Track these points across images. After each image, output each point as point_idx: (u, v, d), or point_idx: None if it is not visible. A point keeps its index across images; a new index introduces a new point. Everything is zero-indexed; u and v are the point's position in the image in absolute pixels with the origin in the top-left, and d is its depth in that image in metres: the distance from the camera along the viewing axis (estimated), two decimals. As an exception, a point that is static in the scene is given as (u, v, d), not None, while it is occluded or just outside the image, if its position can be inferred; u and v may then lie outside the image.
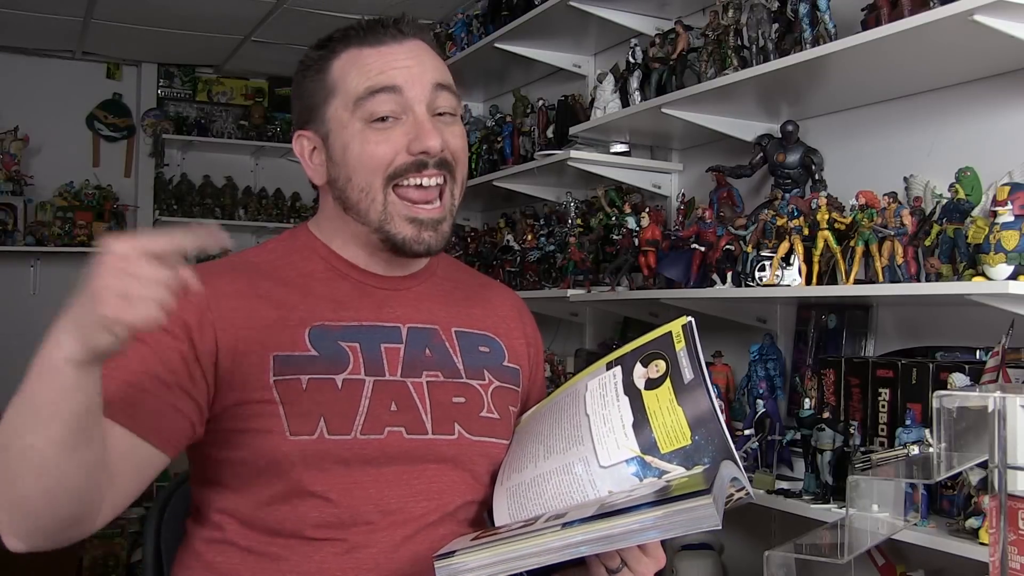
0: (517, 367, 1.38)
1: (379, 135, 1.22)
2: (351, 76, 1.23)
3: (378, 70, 1.23)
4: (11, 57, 4.98)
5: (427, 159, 1.23)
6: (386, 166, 1.22)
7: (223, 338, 1.17)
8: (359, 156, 1.23)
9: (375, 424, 1.19)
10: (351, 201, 1.25)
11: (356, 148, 1.23)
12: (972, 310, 1.78)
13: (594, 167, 2.88)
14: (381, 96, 1.22)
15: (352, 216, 1.26)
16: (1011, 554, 1.25)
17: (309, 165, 1.29)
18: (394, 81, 1.22)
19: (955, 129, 2.05)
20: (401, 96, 1.22)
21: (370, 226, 1.25)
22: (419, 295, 1.32)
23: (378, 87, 1.22)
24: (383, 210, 1.23)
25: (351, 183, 1.24)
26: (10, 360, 5.42)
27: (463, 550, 1.01)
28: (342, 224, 1.29)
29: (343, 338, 1.22)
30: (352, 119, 1.23)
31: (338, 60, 1.25)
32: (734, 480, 1.04)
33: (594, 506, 1.02)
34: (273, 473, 1.17)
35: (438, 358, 1.28)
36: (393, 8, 3.94)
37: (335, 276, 1.28)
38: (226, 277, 1.23)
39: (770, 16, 2.18)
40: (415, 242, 1.24)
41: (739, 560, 2.63)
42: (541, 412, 1.28)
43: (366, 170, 1.23)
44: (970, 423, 1.31)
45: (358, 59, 1.24)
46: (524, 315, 1.45)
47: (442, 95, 1.26)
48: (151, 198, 5.25)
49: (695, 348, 1.12)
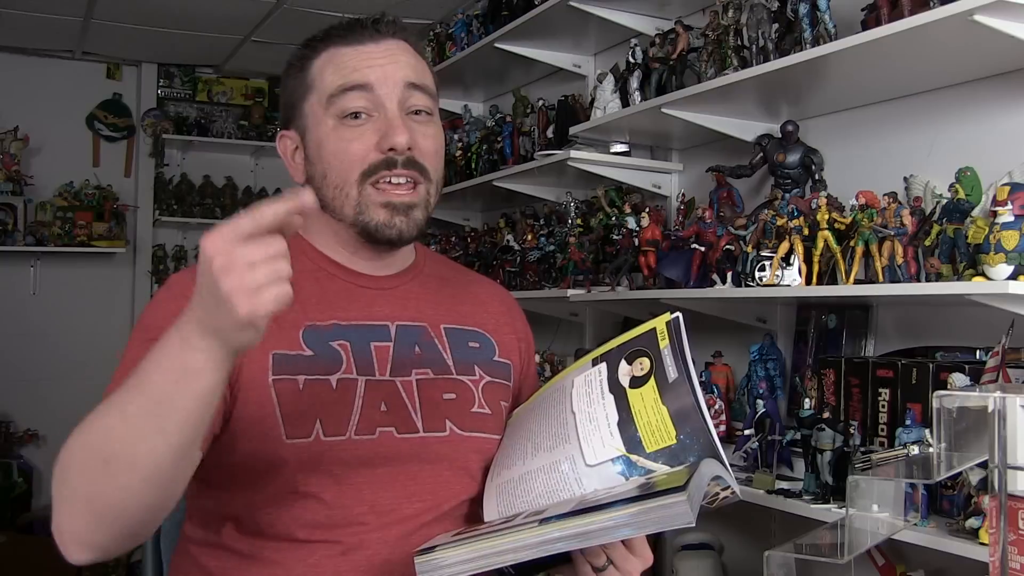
0: (508, 362, 1.38)
1: (351, 132, 1.23)
2: (327, 74, 1.25)
3: (352, 68, 1.24)
4: (11, 57, 4.98)
5: (395, 156, 1.23)
6: (359, 163, 1.23)
7: None
8: (333, 152, 1.24)
9: (367, 425, 1.19)
10: (327, 197, 1.26)
11: (330, 145, 1.24)
12: (972, 310, 1.78)
13: (594, 167, 2.88)
14: (353, 93, 1.23)
15: (329, 213, 1.27)
16: (1011, 554, 1.25)
17: (291, 164, 1.32)
18: (366, 79, 1.23)
19: (955, 129, 2.05)
20: (372, 94, 1.24)
21: (346, 220, 1.26)
22: (407, 293, 1.32)
23: (350, 84, 1.23)
24: (358, 202, 1.24)
25: (326, 180, 1.25)
26: (10, 360, 5.43)
27: (443, 545, 1.01)
28: (324, 221, 1.29)
29: (333, 338, 1.22)
30: (325, 116, 1.25)
31: (318, 59, 1.27)
32: (718, 479, 1.04)
33: (573, 503, 1.02)
34: (268, 476, 1.17)
35: (427, 355, 1.28)
36: (393, 8, 3.94)
37: (323, 276, 1.29)
38: None
39: (770, 16, 2.18)
40: (387, 226, 1.24)
41: (739, 560, 2.63)
42: (530, 408, 1.28)
43: (341, 166, 1.24)
44: (970, 423, 1.31)
45: (335, 57, 1.26)
46: (513, 310, 1.46)
47: (415, 94, 1.26)
48: (151, 198, 5.25)
49: (680, 345, 1.11)
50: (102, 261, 5.08)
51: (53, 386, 4.91)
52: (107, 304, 5.15)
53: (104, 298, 5.14)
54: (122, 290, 5.21)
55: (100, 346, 4.99)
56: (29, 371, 4.87)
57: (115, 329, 5.09)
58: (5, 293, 4.91)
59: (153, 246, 5.27)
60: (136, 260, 5.22)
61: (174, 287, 1.23)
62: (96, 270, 5.10)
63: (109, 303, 5.15)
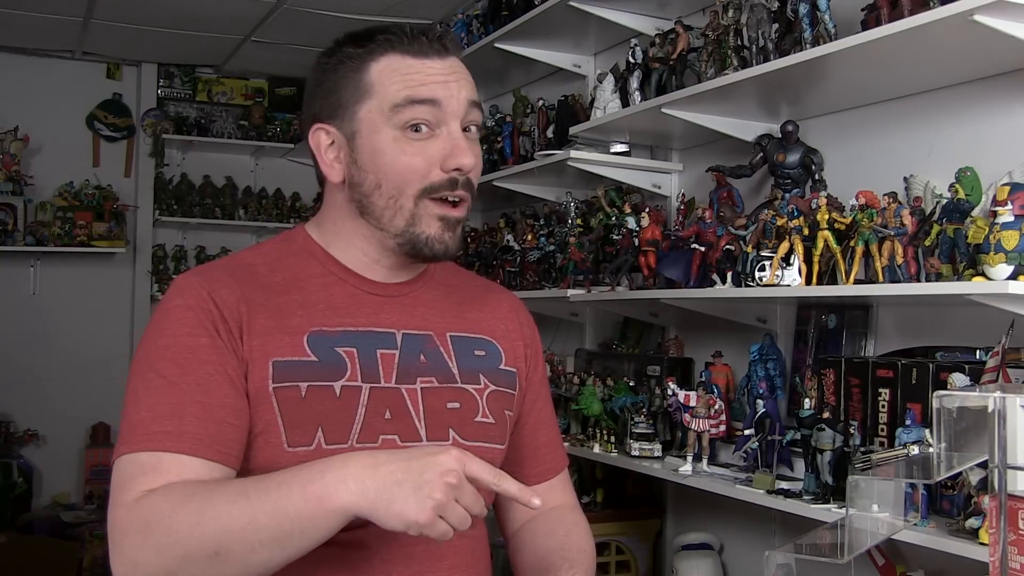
0: (514, 370, 1.38)
1: (414, 146, 1.22)
2: (391, 82, 1.22)
3: (419, 81, 1.22)
4: (11, 57, 4.98)
5: (459, 176, 1.24)
6: (420, 178, 1.22)
7: (239, 347, 1.18)
8: (392, 164, 1.22)
9: (370, 432, 1.19)
10: (375, 206, 1.24)
11: (390, 156, 1.22)
12: (972, 310, 1.78)
13: (594, 167, 2.88)
14: (420, 107, 1.22)
15: (369, 219, 1.26)
16: (1011, 554, 1.25)
17: (324, 160, 1.27)
18: (435, 95, 1.22)
19: (955, 129, 2.05)
20: (439, 110, 1.23)
21: (391, 231, 1.25)
22: (414, 301, 1.32)
23: (418, 98, 1.22)
24: (411, 215, 1.23)
25: (380, 189, 1.24)
26: (10, 360, 5.43)
27: None
28: (351, 226, 1.28)
29: (340, 344, 1.22)
30: (386, 125, 1.22)
31: (377, 63, 1.24)
32: None
33: None
34: None
35: (432, 364, 1.28)
36: (393, 8, 3.94)
37: (332, 281, 1.28)
38: (227, 283, 1.21)
39: (770, 16, 2.18)
40: (438, 241, 1.25)
41: (739, 560, 2.63)
42: None
43: (399, 178, 1.22)
44: (970, 423, 1.31)
45: (400, 66, 1.23)
46: (522, 316, 1.45)
47: (474, 112, 1.27)
48: (151, 198, 5.25)
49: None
50: (102, 261, 5.09)
51: (53, 386, 4.92)
52: (107, 304, 5.15)
53: (104, 298, 5.14)
54: (122, 290, 5.21)
55: (100, 346, 5.01)
56: (29, 371, 4.87)
57: (115, 329, 5.10)
58: (5, 293, 4.91)
59: (153, 246, 5.27)
60: (136, 260, 5.22)
61: (188, 295, 1.19)
62: (96, 270, 5.10)
63: (109, 303, 5.15)
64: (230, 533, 1.01)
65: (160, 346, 1.16)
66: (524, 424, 1.41)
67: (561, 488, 1.46)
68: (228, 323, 1.17)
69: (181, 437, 1.10)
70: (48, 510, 4.80)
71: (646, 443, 2.56)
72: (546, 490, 1.43)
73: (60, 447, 4.93)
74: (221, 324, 1.17)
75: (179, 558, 1.03)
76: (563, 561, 1.29)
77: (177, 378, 1.13)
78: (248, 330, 1.18)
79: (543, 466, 1.44)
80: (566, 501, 1.45)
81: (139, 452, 1.10)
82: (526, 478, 1.42)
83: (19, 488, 4.75)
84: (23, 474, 4.78)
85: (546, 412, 1.46)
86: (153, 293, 5.15)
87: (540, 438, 1.44)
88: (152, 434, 1.10)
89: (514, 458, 1.40)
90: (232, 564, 1.02)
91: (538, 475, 1.43)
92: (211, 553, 1.01)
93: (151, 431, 1.10)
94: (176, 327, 1.17)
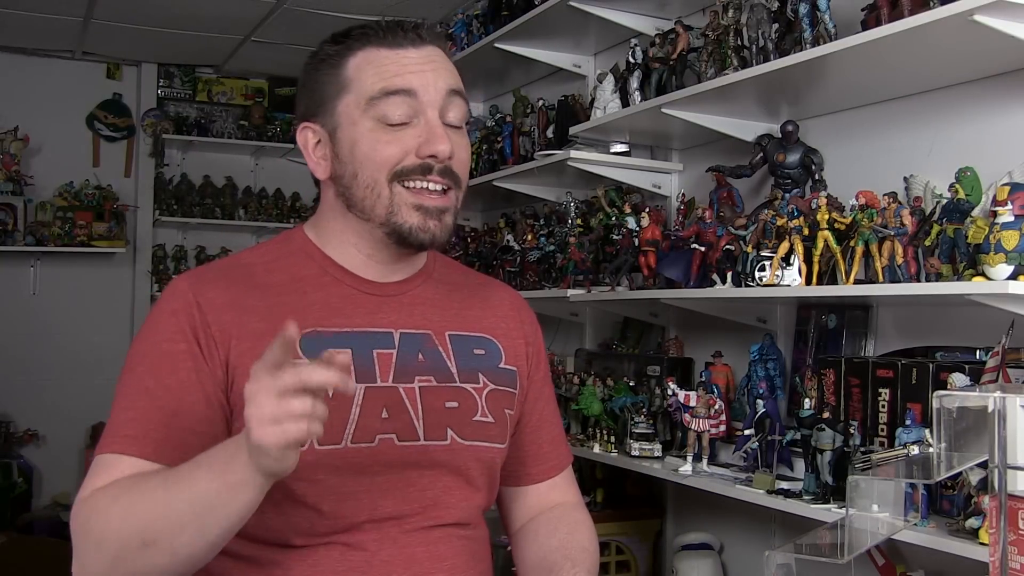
0: (514, 368, 1.37)
1: (389, 135, 1.22)
2: (366, 75, 1.23)
3: (394, 72, 1.23)
4: (11, 57, 4.98)
5: (434, 163, 1.23)
6: (393, 165, 1.22)
7: (224, 355, 1.18)
8: (368, 154, 1.23)
9: (366, 432, 1.19)
10: (356, 198, 1.25)
11: (365, 147, 1.23)
12: (972, 310, 1.78)
13: (594, 167, 2.88)
14: (395, 98, 1.22)
15: (356, 213, 1.26)
16: (1011, 554, 1.25)
17: (311, 158, 1.29)
18: (410, 84, 1.23)
19: (955, 129, 2.05)
20: (415, 100, 1.23)
21: (376, 221, 1.25)
22: (413, 300, 1.32)
23: (393, 89, 1.22)
24: (390, 203, 1.23)
25: (357, 180, 1.24)
26: (10, 360, 5.43)
27: None
28: (342, 223, 1.29)
29: (335, 344, 1.21)
30: (363, 117, 1.23)
31: (354, 57, 1.25)
32: None
33: None
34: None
35: (431, 363, 1.28)
36: (393, 8, 3.94)
37: (329, 281, 1.28)
38: (219, 286, 1.22)
39: (770, 16, 2.18)
40: (421, 230, 1.24)
41: (739, 560, 2.63)
42: None
43: (373, 167, 1.23)
44: (970, 423, 1.31)
45: (375, 59, 1.24)
46: (523, 313, 1.45)
47: (455, 101, 1.26)
48: (151, 198, 5.26)
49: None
50: (102, 261, 5.09)
51: (53, 386, 4.92)
52: (107, 304, 5.15)
53: (104, 298, 5.14)
54: (122, 290, 5.21)
55: (100, 346, 5.00)
56: (29, 371, 4.87)
57: (115, 329, 5.10)
58: (5, 293, 4.91)
59: (153, 246, 5.27)
60: (136, 260, 5.22)
61: (175, 300, 1.21)
62: (96, 270, 5.10)
63: (109, 303, 5.15)
64: (155, 521, 1.04)
65: (139, 351, 1.20)
66: (527, 422, 1.41)
67: (565, 486, 1.46)
68: (211, 328, 1.18)
69: (143, 441, 1.13)
70: (48, 510, 4.80)
71: (646, 443, 2.57)
72: (550, 488, 1.43)
73: (60, 447, 4.93)
74: (202, 330, 1.18)
75: (115, 551, 1.07)
76: (565, 560, 1.29)
77: (150, 383, 1.16)
78: (237, 333, 1.19)
79: (547, 464, 1.44)
80: (570, 499, 1.45)
81: (106, 453, 1.14)
82: (530, 476, 1.43)
83: (19, 488, 4.75)
84: (23, 474, 4.78)
85: (549, 410, 1.46)
86: (153, 293, 5.15)
87: (543, 436, 1.43)
88: (119, 437, 1.14)
89: (517, 456, 1.40)
90: (161, 551, 1.05)
91: (542, 473, 1.43)
92: (140, 543, 1.05)
93: (119, 434, 1.14)
94: (156, 333, 1.19)
